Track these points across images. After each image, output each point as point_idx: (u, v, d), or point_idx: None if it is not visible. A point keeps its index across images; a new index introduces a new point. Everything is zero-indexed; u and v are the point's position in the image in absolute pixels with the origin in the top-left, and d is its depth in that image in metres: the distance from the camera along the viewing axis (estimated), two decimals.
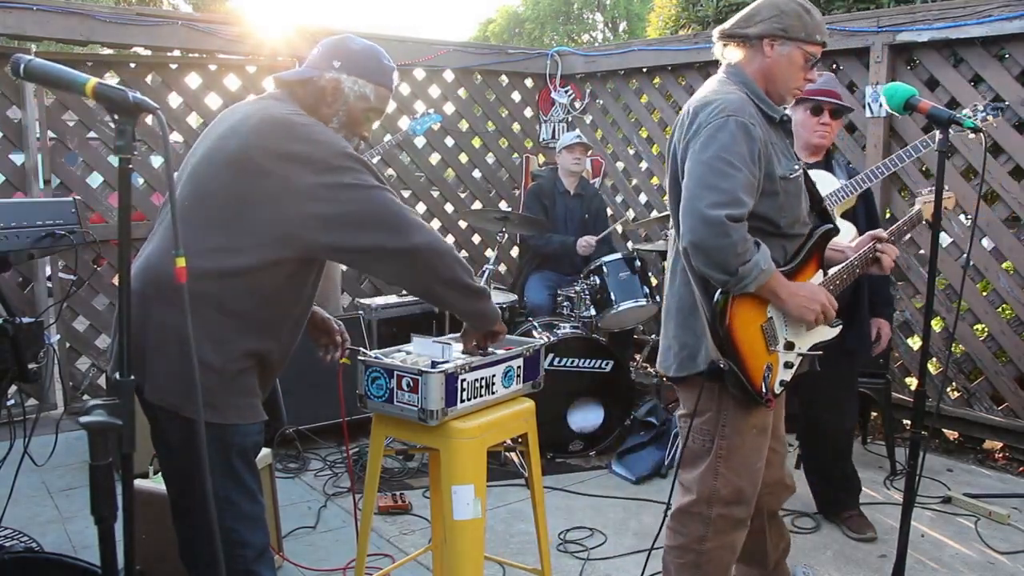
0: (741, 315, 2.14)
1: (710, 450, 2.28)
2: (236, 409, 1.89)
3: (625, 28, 26.63)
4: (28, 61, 1.39)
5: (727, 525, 2.31)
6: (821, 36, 2.20)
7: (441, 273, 1.94)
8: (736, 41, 2.24)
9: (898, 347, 4.54)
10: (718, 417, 2.26)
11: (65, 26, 4.38)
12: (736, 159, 2.04)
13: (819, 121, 3.16)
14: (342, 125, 2.02)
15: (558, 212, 4.97)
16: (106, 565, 1.44)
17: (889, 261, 2.43)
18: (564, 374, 4.10)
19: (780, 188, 2.16)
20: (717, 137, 2.06)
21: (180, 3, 18.84)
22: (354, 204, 1.83)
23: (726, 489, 2.28)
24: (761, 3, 2.22)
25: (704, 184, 2.03)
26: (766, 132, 2.15)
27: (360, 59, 2.02)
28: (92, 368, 4.82)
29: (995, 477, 4.06)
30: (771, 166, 2.14)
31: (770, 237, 2.18)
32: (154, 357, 1.84)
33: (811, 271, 2.30)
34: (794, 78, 2.21)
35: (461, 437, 2.13)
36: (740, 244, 2.00)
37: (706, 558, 2.32)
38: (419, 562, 2.98)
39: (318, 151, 1.83)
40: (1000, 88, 4.09)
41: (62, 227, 2.39)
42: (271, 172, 1.81)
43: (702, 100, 2.16)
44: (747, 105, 2.14)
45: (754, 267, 2.03)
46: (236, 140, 1.86)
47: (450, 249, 1.96)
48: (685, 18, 6.27)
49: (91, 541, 1.85)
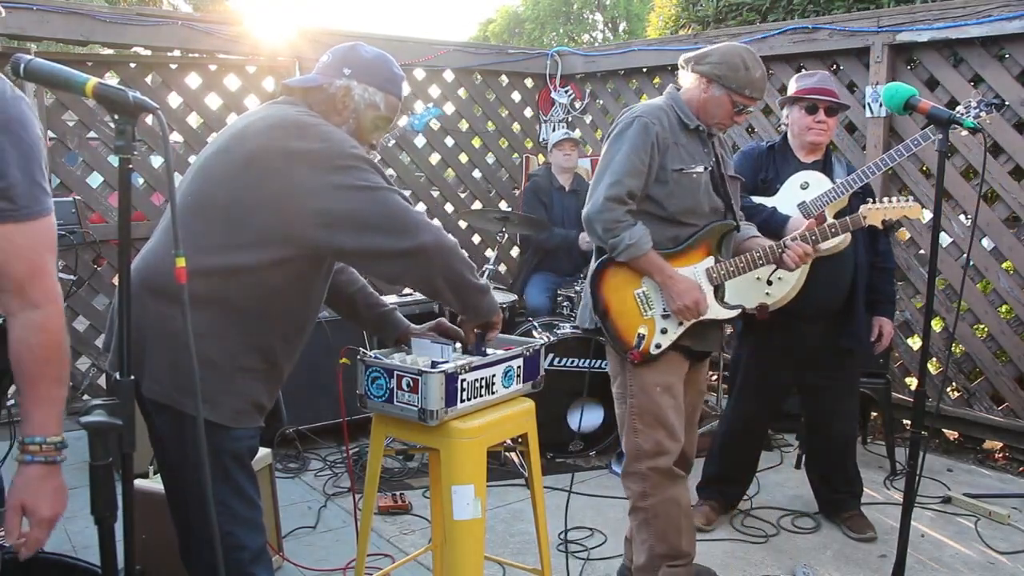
0: (614, 280, 2.63)
1: (627, 410, 2.65)
2: (232, 411, 1.86)
3: (625, 28, 26.60)
4: (28, 61, 1.39)
5: (660, 478, 2.62)
6: (752, 92, 2.56)
7: (447, 271, 1.94)
8: (689, 70, 2.64)
9: (898, 347, 4.54)
10: (625, 378, 2.66)
11: (65, 26, 4.38)
12: (631, 150, 2.52)
13: (815, 119, 3.18)
14: (351, 132, 2.00)
15: (556, 209, 4.99)
16: (106, 565, 1.44)
17: (792, 258, 2.66)
18: (564, 374, 4.10)
19: (671, 178, 2.57)
20: (623, 134, 2.57)
21: (180, 3, 18.83)
22: (360, 204, 1.82)
23: (647, 444, 2.62)
24: (716, 48, 2.61)
25: (603, 171, 2.57)
26: (673, 133, 2.58)
27: (371, 67, 2.02)
28: (92, 368, 4.82)
29: (995, 477, 4.06)
30: (666, 159, 2.56)
31: (659, 221, 2.60)
32: (151, 353, 1.82)
33: (698, 256, 2.66)
34: (719, 116, 2.61)
35: (461, 437, 2.13)
36: (610, 222, 2.51)
37: (652, 513, 2.64)
38: (419, 562, 2.98)
39: (326, 150, 1.83)
40: (1000, 88, 4.09)
41: (62, 227, 2.39)
42: (279, 170, 1.80)
43: (631, 107, 2.66)
44: (660, 111, 2.60)
45: (620, 241, 2.51)
46: (248, 139, 1.86)
47: (455, 245, 1.96)
48: (685, 18, 6.27)
49: (91, 541, 1.85)
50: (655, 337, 2.62)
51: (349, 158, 1.84)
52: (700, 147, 2.64)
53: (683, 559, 2.68)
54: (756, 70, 2.56)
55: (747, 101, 2.58)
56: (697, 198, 2.61)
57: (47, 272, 1.49)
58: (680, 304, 2.57)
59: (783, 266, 2.70)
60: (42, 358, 1.47)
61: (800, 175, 3.20)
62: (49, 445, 1.47)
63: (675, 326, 2.62)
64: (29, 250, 1.45)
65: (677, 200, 2.59)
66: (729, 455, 3.47)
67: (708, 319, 2.64)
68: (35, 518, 1.47)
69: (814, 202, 3.14)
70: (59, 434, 1.50)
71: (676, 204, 2.59)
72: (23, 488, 1.46)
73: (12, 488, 1.47)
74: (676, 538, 2.65)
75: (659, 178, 2.57)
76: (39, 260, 1.47)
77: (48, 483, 1.48)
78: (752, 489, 3.64)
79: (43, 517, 1.48)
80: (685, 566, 2.70)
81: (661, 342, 2.62)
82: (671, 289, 2.57)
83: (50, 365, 1.48)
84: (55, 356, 1.49)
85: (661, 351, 2.62)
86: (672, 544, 2.65)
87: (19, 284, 1.45)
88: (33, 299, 1.46)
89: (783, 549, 3.25)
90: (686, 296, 2.56)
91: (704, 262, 2.66)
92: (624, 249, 2.53)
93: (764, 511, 3.56)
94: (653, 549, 2.65)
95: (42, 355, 1.47)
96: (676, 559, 2.67)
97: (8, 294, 1.45)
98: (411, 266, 1.90)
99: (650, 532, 2.65)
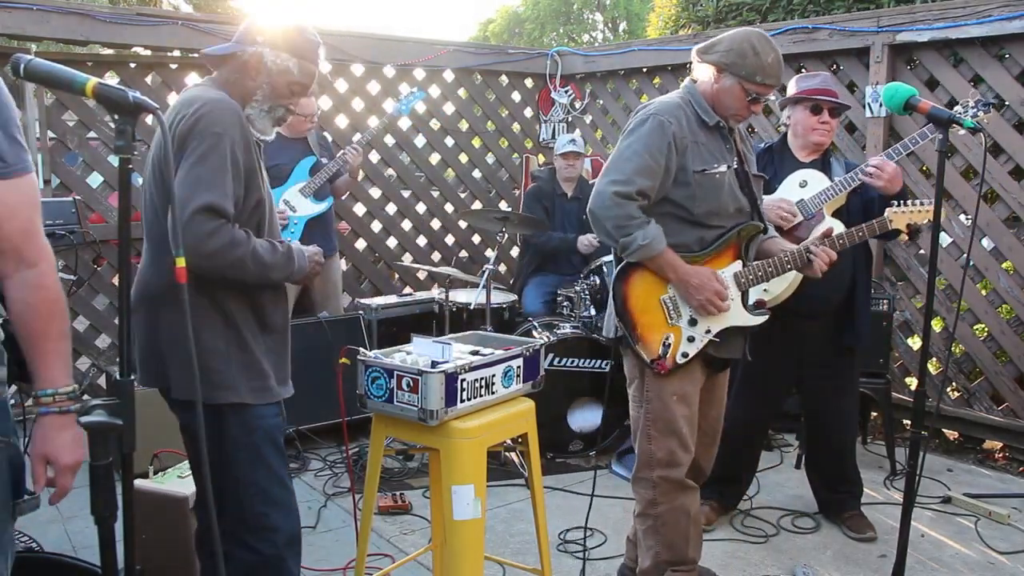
0: (640, 286, 2.51)
1: (641, 416, 2.57)
2: (251, 390, 2.03)
3: (625, 28, 26.61)
4: (28, 61, 1.39)
5: (671, 488, 2.55)
6: (763, 78, 2.43)
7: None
8: (700, 61, 2.53)
9: (898, 347, 4.54)
10: (642, 384, 2.58)
11: (65, 26, 4.37)
12: (642, 148, 2.41)
13: (819, 120, 3.18)
14: (265, 97, 2.10)
15: (557, 215, 4.98)
16: (106, 565, 1.44)
17: (820, 265, 2.57)
18: (564, 374, 4.10)
19: (693, 180, 2.45)
20: (636, 130, 2.46)
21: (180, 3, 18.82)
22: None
23: (660, 452, 2.54)
24: (726, 35, 2.50)
25: (611, 166, 2.46)
26: (692, 132, 2.46)
27: (284, 34, 2.12)
28: (92, 368, 4.81)
29: (995, 477, 4.06)
30: (685, 159, 2.44)
31: (684, 223, 2.50)
32: (171, 358, 2.00)
33: (726, 260, 2.57)
34: (734, 107, 2.49)
35: (461, 437, 2.13)
36: (621, 219, 2.39)
37: (661, 521, 2.58)
38: (419, 562, 2.98)
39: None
40: (1000, 88, 4.09)
41: (62, 227, 2.40)
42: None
43: (647, 103, 2.55)
44: (677, 108, 2.47)
45: (632, 241, 2.39)
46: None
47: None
48: (685, 18, 6.27)
49: (91, 541, 1.86)
50: (681, 345, 2.51)
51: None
52: (722, 144, 2.53)
53: (688, 565, 2.65)
54: (767, 55, 2.43)
55: (760, 89, 2.45)
56: (721, 198, 2.49)
57: (38, 229, 1.52)
58: (702, 298, 2.45)
59: (811, 272, 2.59)
60: (45, 314, 1.50)
61: (799, 173, 3.21)
62: (62, 396, 1.53)
63: (703, 333, 2.52)
64: (21, 207, 1.47)
65: (701, 202, 2.47)
66: (729, 455, 3.45)
67: (736, 326, 2.56)
68: (58, 466, 1.52)
69: (812, 200, 3.14)
70: (69, 384, 1.55)
71: (700, 206, 2.48)
72: (42, 439, 1.52)
73: (33, 441, 1.52)
74: (683, 546, 2.61)
75: (679, 180, 2.45)
76: (31, 217, 1.50)
77: (66, 432, 1.52)
78: (752, 489, 3.64)
79: (65, 464, 1.52)
80: (690, 571, 2.67)
81: (688, 351, 2.52)
82: (687, 285, 2.46)
83: (53, 320, 1.51)
84: (56, 310, 1.52)
85: (688, 360, 2.53)
86: (679, 551, 2.61)
87: (15, 243, 1.47)
88: (29, 258, 1.48)
89: (783, 549, 3.25)
90: (705, 290, 2.45)
91: (732, 267, 2.57)
92: (637, 249, 2.40)
93: (764, 511, 3.56)
94: (659, 555, 2.61)
95: (45, 311, 1.50)
96: (681, 565, 2.63)
97: (4, 255, 1.47)
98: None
99: (657, 539, 2.60)
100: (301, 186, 4.30)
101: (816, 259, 2.55)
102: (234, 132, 1.96)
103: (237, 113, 2.00)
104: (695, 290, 2.46)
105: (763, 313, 2.61)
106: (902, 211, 2.76)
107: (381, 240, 5.77)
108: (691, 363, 2.54)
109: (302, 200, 4.30)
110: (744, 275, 2.57)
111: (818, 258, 2.55)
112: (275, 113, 2.14)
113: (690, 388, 2.56)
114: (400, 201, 5.80)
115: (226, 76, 2.11)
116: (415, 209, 5.86)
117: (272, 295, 2.12)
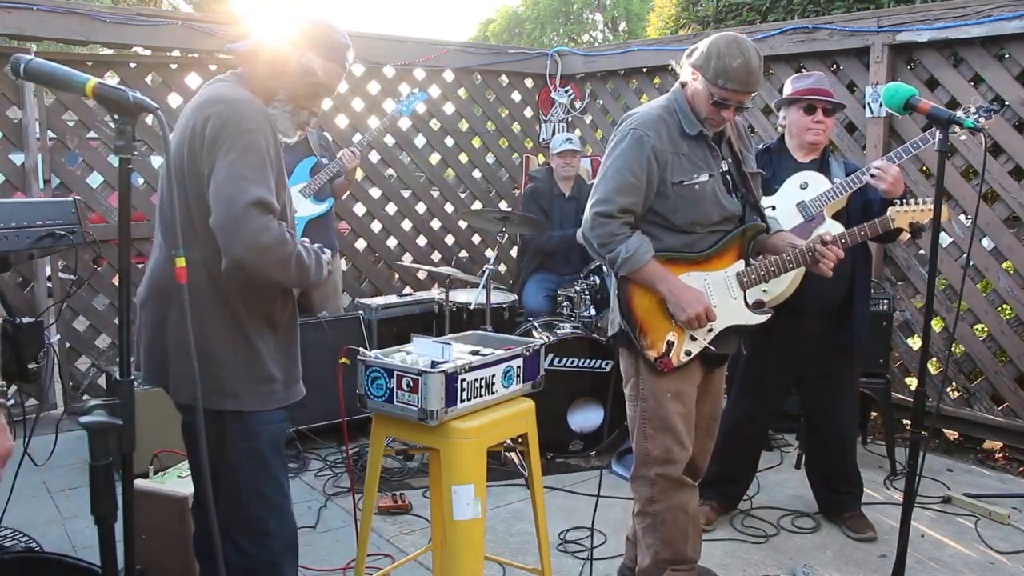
0: (642, 286, 2.53)
1: (637, 414, 2.60)
2: (256, 396, 1.98)
3: (625, 28, 26.59)
4: (28, 61, 1.39)
5: (668, 486, 2.57)
6: (725, 82, 2.36)
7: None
8: (684, 63, 2.54)
9: (898, 347, 4.54)
10: (638, 382, 2.60)
11: (65, 26, 4.38)
12: (623, 166, 2.45)
13: (813, 120, 3.19)
14: (288, 98, 2.03)
15: (555, 215, 4.97)
16: (106, 565, 1.45)
17: (829, 264, 2.57)
18: (564, 374, 4.10)
19: (671, 192, 2.47)
20: (617, 147, 2.50)
21: (180, 3, 18.83)
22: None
23: (657, 450, 2.56)
24: (706, 39, 2.48)
25: (596, 187, 2.52)
26: (672, 143, 2.47)
27: (311, 34, 2.03)
28: (92, 368, 4.81)
29: (995, 477, 4.05)
30: (665, 172, 2.46)
31: (669, 231, 2.53)
32: (174, 359, 1.96)
33: (729, 260, 2.59)
34: (703, 110, 2.47)
35: (461, 437, 2.13)
36: (604, 236, 2.47)
37: (660, 519, 2.59)
38: (419, 562, 2.98)
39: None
40: (1000, 88, 4.09)
41: (62, 227, 2.40)
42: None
43: (629, 114, 2.56)
44: (658, 120, 2.48)
45: (616, 255, 2.46)
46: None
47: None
48: (685, 18, 6.27)
49: (91, 541, 1.86)
50: (684, 344, 2.53)
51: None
52: (706, 152, 2.52)
53: (687, 564, 2.66)
54: (734, 59, 2.35)
55: (724, 93, 2.38)
56: (703, 209, 2.50)
57: None
58: (690, 314, 2.45)
59: (818, 271, 2.60)
60: None
61: (799, 175, 3.21)
62: None
63: (705, 332, 2.54)
64: None
65: (681, 213, 2.49)
66: (729, 455, 3.46)
67: (739, 325, 2.57)
68: None
69: (813, 202, 3.14)
70: None
71: (680, 217, 2.50)
72: None
73: None
74: (682, 544, 2.62)
75: (660, 192, 2.48)
76: None
77: None
78: (752, 489, 3.64)
79: None
80: (689, 570, 2.67)
81: (692, 349, 2.54)
82: (678, 299, 2.46)
83: None
84: None
85: (691, 358, 2.55)
86: (678, 550, 2.61)
87: None
88: None
89: (783, 549, 3.25)
90: (695, 305, 2.46)
91: (734, 267, 2.58)
92: (622, 263, 2.45)
93: (764, 511, 3.56)
94: (658, 554, 2.62)
95: None
96: (681, 564, 2.64)
97: None
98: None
99: (656, 537, 2.61)
100: (302, 187, 4.30)
101: (825, 262, 2.56)
102: (265, 128, 1.91)
103: (263, 112, 1.95)
104: (687, 305, 2.46)
105: (766, 312, 2.62)
106: (904, 210, 2.76)
107: (381, 240, 5.77)
108: (687, 361, 2.56)
109: (303, 201, 4.30)
110: (747, 275, 2.59)
111: (827, 259, 2.55)
112: (298, 117, 2.07)
113: (686, 386, 2.58)
114: (400, 201, 5.80)
115: (248, 73, 2.04)
116: (415, 209, 5.86)
117: (282, 294, 2.08)
